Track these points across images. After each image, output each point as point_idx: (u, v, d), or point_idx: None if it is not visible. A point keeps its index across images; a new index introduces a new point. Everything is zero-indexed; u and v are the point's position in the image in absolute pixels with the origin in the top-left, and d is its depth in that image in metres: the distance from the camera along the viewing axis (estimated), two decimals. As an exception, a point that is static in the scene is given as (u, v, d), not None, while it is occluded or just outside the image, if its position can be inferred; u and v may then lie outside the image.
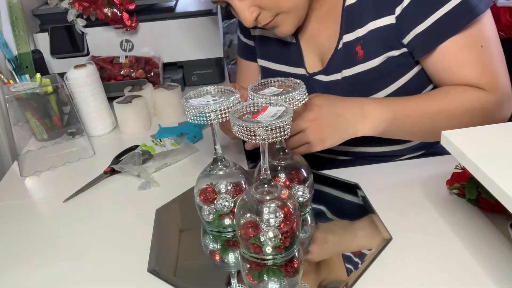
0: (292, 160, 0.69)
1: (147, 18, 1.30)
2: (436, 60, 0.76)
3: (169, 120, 1.17)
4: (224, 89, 0.65)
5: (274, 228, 0.56)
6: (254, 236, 0.57)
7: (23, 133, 1.08)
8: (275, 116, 0.53)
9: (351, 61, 0.82)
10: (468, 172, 0.73)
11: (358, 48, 0.80)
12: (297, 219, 0.58)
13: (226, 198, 0.66)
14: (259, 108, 0.56)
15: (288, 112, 0.53)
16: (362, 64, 0.81)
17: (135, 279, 0.65)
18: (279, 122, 0.51)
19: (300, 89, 0.63)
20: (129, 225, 0.76)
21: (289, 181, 0.69)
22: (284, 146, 0.69)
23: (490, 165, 0.46)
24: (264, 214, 0.56)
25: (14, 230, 0.79)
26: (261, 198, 0.57)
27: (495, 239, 0.65)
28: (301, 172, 0.69)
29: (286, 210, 0.57)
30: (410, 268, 0.62)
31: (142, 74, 1.30)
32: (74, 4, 1.24)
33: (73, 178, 0.94)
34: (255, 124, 0.51)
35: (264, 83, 0.67)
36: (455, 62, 0.75)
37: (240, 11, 0.77)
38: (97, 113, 1.12)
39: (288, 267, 0.59)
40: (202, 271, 0.66)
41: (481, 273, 0.60)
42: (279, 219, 0.56)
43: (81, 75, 1.08)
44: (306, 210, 0.72)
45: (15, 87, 0.98)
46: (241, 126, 0.52)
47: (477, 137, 0.52)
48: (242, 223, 0.58)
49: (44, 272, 0.68)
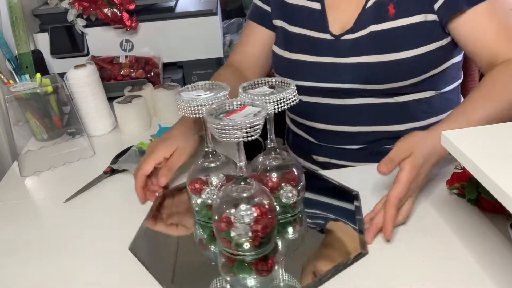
0: (284, 160, 0.69)
1: (147, 18, 1.30)
2: (465, 25, 0.79)
3: (169, 120, 1.17)
4: (216, 85, 0.68)
5: (245, 225, 0.57)
6: (225, 230, 0.58)
7: (23, 133, 1.08)
8: (250, 116, 0.54)
9: (380, 17, 0.84)
10: (468, 172, 0.73)
11: (391, 6, 0.83)
12: (271, 219, 0.58)
13: (211, 190, 0.68)
14: (236, 107, 0.58)
15: (263, 112, 0.55)
16: (392, 21, 0.83)
17: (135, 278, 0.65)
18: (252, 121, 0.52)
19: (290, 90, 0.64)
20: (129, 225, 0.76)
21: (280, 180, 0.69)
22: (276, 146, 0.69)
23: (490, 165, 0.46)
24: (237, 211, 0.57)
25: (14, 230, 0.79)
26: (237, 196, 0.58)
27: (495, 239, 0.65)
28: (293, 172, 0.69)
29: (260, 210, 0.57)
30: (410, 268, 0.62)
31: (142, 74, 1.29)
32: (74, 4, 1.24)
33: (73, 178, 0.93)
34: (223, 123, 0.53)
35: (256, 82, 0.68)
36: (485, 28, 0.78)
37: None
38: (97, 113, 1.12)
39: (259, 265, 0.60)
40: (194, 267, 0.67)
41: (481, 273, 0.60)
42: (251, 217, 0.57)
43: (81, 75, 1.08)
44: (295, 211, 0.71)
45: (15, 87, 0.98)
46: (214, 124, 0.53)
47: (477, 137, 0.52)
48: (216, 217, 0.59)
49: (44, 272, 0.68)
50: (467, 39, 0.81)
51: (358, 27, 0.86)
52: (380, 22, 0.84)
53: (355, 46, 0.86)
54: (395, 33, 0.83)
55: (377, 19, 0.84)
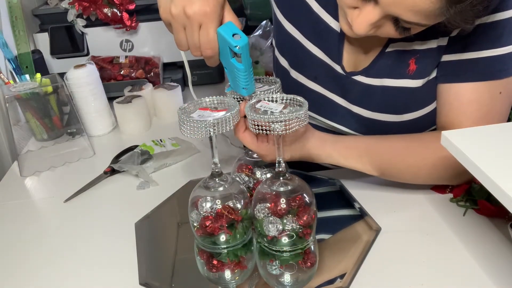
0: (294, 185, 0.59)
1: (147, 18, 1.30)
2: (450, 92, 0.71)
3: (169, 120, 1.17)
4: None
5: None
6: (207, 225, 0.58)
7: (23, 133, 1.08)
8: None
9: (398, 73, 0.73)
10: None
11: (412, 61, 0.72)
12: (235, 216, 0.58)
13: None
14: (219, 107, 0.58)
15: (234, 113, 0.55)
16: (411, 80, 0.73)
17: (135, 278, 0.65)
18: (225, 117, 0.53)
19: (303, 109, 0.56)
20: (129, 225, 0.76)
21: (289, 207, 0.58)
22: (285, 170, 0.60)
23: (490, 165, 0.46)
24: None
25: (14, 230, 0.79)
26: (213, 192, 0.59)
27: (495, 239, 0.65)
28: (303, 199, 0.59)
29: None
30: (410, 268, 0.62)
31: (142, 74, 1.30)
32: (74, 4, 1.24)
33: (73, 178, 0.93)
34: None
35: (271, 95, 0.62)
36: (467, 103, 0.70)
37: (364, 16, 0.60)
38: (97, 113, 1.12)
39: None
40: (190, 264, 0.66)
41: (481, 273, 0.60)
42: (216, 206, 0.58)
43: (81, 75, 1.08)
44: (304, 244, 0.59)
45: (15, 87, 0.98)
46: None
47: (477, 137, 0.52)
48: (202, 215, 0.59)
49: (44, 272, 0.68)
50: (445, 101, 0.72)
51: (374, 73, 0.75)
52: (397, 77, 0.73)
53: (366, 93, 0.77)
54: (412, 93, 0.73)
55: (394, 73, 0.74)
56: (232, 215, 0.58)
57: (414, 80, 0.72)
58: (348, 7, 0.62)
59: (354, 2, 0.60)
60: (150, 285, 0.63)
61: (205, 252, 0.60)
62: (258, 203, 0.58)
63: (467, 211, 0.72)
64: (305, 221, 0.56)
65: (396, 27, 0.60)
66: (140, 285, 0.63)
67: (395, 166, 0.73)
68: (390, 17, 0.59)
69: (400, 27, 0.60)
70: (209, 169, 0.60)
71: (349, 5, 0.62)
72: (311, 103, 0.59)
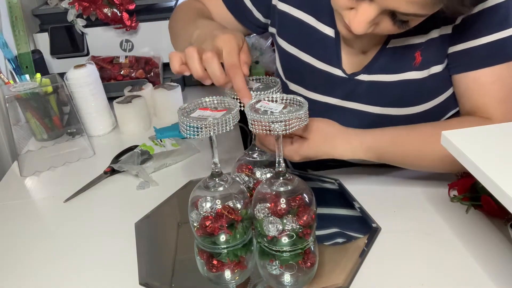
0: (293, 185, 0.59)
1: (147, 18, 1.30)
2: (469, 79, 0.72)
3: (169, 120, 1.17)
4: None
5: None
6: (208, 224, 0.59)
7: (23, 133, 1.08)
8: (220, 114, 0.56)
9: (403, 66, 0.74)
10: (468, 181, 0.73)
11: (418, 53, 0.72)
12: (234, 215, 0.58)
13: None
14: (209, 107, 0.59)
15: (235, 113, 0.56)
16: (416, 71, 0.73)
17: (135, 278, 0.65)
18: (224, 118, 0.54)
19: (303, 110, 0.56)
20: (129, 225, 0.76)
21: (289, 207, 0.58)
22: (285, 170, 0.60)
23: (490, 165, 0.46)
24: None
25: (14, 230, 0.79)
26: (212, 191, 0.60)
27: (495, 239, 0.65)
28: (303, 199, 0.59)
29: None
30: (410, 268, 0.62)
31: (142, 74, 1.30)
32: (74, 4, 1.24)
33: (73, 178, 0.93)
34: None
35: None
36: (488, 87, 0.71)
37: (361, 15, 0.61)
38: (97, 113, 1.12)
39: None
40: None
41: (481, 273, 0.60)
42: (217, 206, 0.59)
43: (81, 75, 1.08)
44: (304, 244, 0.59)
45: (15, 87, 0.98)
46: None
47: (477, 137, 0.52)
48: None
49: (44, 272, 0.68)
50: (465, 88, 0.73)
51: (376, 69, 0.76)
52: (402, 71, 0.74)
53: (370, 91, 0.77)
54: (420, 85, 0.74)
55: (398, 67, 0.74)
56: (232, 215, 0.58)
57: (419, 71, 0.73)
58: (343, 9, 0.63)
59: (349, 3, 0.61)
60: (150, 285, 0.63)
61: (205, 252, 0.60)
62: (258, 203, 0.58)
63: (469, 208, 0.72)
64: (305, 221, 0.56)
65: (394, 21, 0.61)
66: (140, 285, 0.63)
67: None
68: (387, 12, 0.60)
69: (398, 21, 0.61)
70: (209, 169, 0.60)
71: (344, 7, 0.62)
72: (315, 114, 0.60)
